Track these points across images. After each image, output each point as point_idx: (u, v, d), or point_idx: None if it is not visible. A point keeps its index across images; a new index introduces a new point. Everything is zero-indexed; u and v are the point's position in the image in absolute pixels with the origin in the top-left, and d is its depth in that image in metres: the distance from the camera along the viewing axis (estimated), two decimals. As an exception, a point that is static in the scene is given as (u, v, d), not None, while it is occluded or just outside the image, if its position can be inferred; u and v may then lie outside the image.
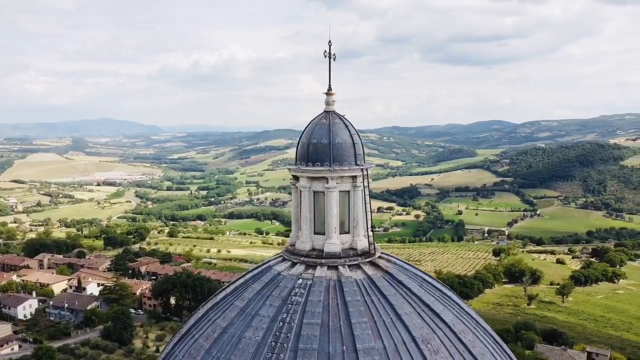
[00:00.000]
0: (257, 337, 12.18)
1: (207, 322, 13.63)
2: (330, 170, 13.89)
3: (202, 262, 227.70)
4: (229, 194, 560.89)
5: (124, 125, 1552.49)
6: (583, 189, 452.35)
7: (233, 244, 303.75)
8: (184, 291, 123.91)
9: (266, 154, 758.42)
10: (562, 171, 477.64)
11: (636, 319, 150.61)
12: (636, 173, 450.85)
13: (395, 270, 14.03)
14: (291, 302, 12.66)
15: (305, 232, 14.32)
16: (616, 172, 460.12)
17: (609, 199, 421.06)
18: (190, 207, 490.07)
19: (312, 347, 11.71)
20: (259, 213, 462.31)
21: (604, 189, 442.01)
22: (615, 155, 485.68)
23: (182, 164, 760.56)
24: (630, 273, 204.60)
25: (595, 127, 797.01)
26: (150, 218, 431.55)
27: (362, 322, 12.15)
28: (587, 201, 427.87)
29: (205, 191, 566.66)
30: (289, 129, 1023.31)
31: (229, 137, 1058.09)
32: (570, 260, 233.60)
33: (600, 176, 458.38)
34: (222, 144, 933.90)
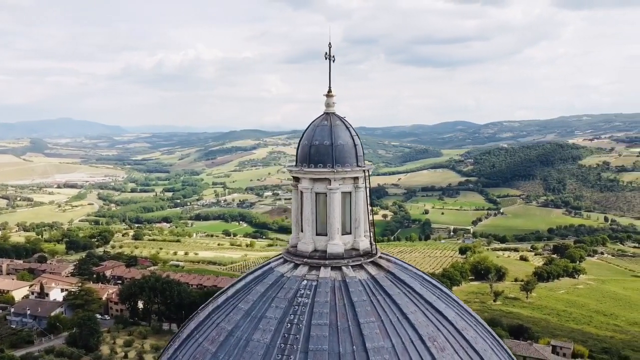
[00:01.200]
0: (266, 339, 12.16)
1: (211, 325, 13.51)
2: (333, 171, 13.98)
3: (170, 265, 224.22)
4: (195, 195, 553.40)
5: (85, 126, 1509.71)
6: (544, 188, 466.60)
7: (200, 246, 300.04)
8: (152, 295, 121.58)
9: (233, 154, 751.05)
10: (524, 170, 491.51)
11: (596, 313, 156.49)
12: (593, 172, 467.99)
13: (396, 269, 14.25)
14: (297, 303, 12.69)
15: (308, 234, 14.36)
16: (575, 171, 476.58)
17: (568, 197, 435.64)
18: (156, 209, 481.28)
19: (323, 348, 11.78)
20: (226, 214, 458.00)
21: (564, 187, 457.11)
22: (573, 155, 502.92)
23: (146, 165, 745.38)
24: (589, 268, 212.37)
25: (554, 128, 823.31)
26: (114, 221, 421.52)
27: (369, 322, 12.30)
28: (547, 199, 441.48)
29: (170, 193, 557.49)
30: (256, 130, 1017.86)
31: (195, 138, 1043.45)
32: (533, 257, 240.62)
33: (560, 175, 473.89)
34: (187, 145, 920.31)
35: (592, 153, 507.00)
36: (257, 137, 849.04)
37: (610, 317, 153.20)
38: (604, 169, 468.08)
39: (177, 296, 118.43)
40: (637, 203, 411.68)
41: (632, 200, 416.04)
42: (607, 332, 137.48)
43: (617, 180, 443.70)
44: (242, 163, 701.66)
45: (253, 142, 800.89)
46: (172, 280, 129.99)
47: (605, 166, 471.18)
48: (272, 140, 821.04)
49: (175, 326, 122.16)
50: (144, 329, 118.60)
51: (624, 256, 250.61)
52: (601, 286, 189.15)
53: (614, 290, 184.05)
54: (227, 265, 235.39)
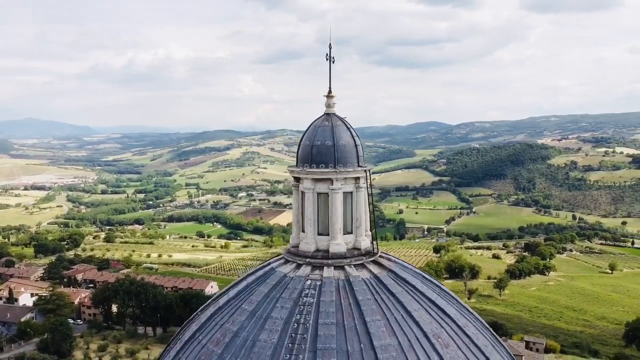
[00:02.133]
0: (273, 339, 12.17)
1: (214, 326, 13.43)
2: (335, 171, 14.07)
3: (143, 268, 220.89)
4: (168, 196, 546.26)
5: (53, 126, 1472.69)
6: (514, 187, 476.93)
7: (174, 248, 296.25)
8: (127, 298, 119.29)
9: (206, 155, 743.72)
10: (495, 170, 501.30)
11: (566, 309, 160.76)
12: (561, 171, 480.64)
13: (397, 268, 14.43)
14: (303, 303, 12.74)
15: (309, 234, 14.41)
16: (544, 170, 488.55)
17: (537, 196, 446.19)
18: (127, 211, 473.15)
19: (331, 347, 11.87)
20: (200, 216, 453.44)
21: (533, 186, 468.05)
22: (542, 154, 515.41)
23: (117, 166, 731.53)
24: (559, 265, 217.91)
25: (524, 128, 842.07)
26: (84, 223, 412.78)
27: (375, 320, 12.44)
28: (518, 198, 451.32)
29: (142, 194, 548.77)
30: (230, 130, 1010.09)
31: (167, 138, 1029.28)
32: (505, 255, 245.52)
33: (530, 174, 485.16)
34: (159, 145, 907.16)
35: (560, 153, 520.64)
36: (230, 138, 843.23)
37: (579, 312, 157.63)
38: (572, 168, 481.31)
39: (153, 299, 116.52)
40: (603, 201, 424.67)
41: (598, 199, 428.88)
42: (577, 327, 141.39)
43: (584, 179, 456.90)
44: (216, 164, 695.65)
45: (227, 143, 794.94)
46: (147, 283, 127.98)
47: (573, 166, 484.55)
48: (246, 140, 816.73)
49: (150, 330, 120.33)
50: (119, 333, 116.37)
51: (592, 253, 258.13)
52: (570, 282, 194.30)
53: (582, 286, 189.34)
54: (202, 267, 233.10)
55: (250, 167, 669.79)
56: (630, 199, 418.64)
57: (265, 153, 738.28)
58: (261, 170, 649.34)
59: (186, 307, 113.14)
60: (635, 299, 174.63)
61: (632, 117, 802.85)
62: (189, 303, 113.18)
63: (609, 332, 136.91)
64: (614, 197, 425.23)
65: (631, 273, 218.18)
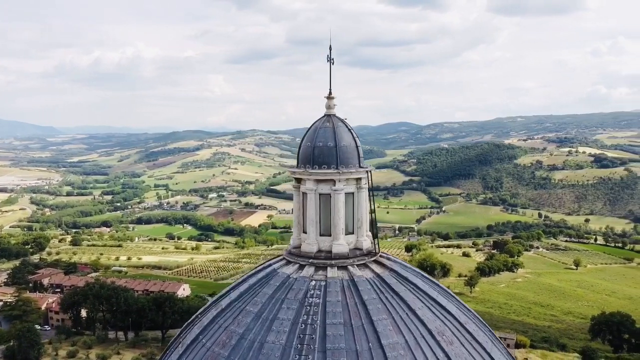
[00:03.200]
0: (281, 340, 12.17)
1: (218, 329, 13.33)
2: (338, 172, 14.16)
3: (112, 271, 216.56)
4: (137, 198, 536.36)
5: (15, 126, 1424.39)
6: (482, 186, 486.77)
7: (144, 251, 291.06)
8: (97, 302, 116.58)
9: (175, 155, 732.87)
10: (464, 170, 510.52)
11: (534, 304, 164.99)
12: (527, 171, 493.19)
13: (398, 267, 14.62)
14: (309, 304, 12.78)
15: (312, 235, 14.46)
16: (511, 170, 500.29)
17: (505, 195, 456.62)
18: (94, 213, 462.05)
19: (340, 346, 11.95)
20: (170, 217, 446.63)
21: (501, 185, 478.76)
22: (509, 154, 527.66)
23: (83, 168, 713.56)
24: (526, 262, 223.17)
25: (491, 129, 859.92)
26: (49, 226, 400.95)
27: (382, 319, 12.59)
28: (486, 197, 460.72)
29: (110, 196, 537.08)
30: (199, 130, 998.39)
31: (135, 139, 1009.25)
32: (475, 253, 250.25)
33: (497, 174, 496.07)
34: (127, 146, 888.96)
35: (526, 153, 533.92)
36: (200, 138, 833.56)
37: (547, 307, 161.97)
38: (537, 167, 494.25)
39: (124, 303, 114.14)
40: (567, 200, 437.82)
41: (562, 197, 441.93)
42: (545, 322, 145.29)
43: (549, 178, 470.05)
44: (185, 164, 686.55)
45: (196, 143, 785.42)
46: (119, 286, 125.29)
47: (538, 165, 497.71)
48: (216, 141, 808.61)
49: (122, 334, 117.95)
50: (89, 339, 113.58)
51: (557, 250, 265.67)
52: (538, 279, 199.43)
53: (549, 282, 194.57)
54: (173, 269, 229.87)
55: (221, 167, 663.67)
56: (593, 197, 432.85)
57: (235, 153, 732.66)
58: (232, 171, 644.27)
59: (159, 311, 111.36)
60: (599, 294, 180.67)
61: (594, 117, 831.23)
62: (162, 306, 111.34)
63: (575, 326, 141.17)
64: (578, 195, 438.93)
65: (595, 269, 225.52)
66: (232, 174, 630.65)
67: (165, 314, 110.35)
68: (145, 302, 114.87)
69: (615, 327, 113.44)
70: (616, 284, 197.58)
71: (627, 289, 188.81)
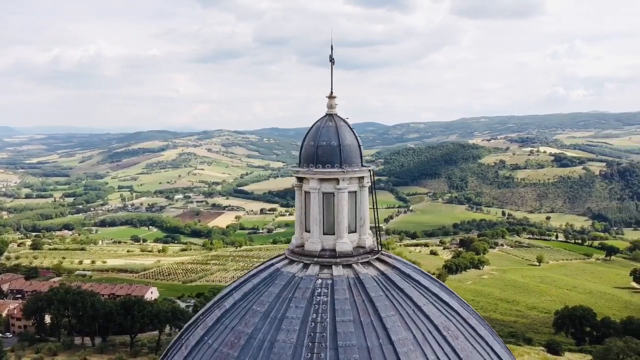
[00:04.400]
0: (292, 339, 12.18)
1: (224, 330, 13.21)
2: (343, 171, 14.27)
3: (75, 275, 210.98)
4: (100, 200, 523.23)
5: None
6: (448, 185, 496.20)
7: (108, 254, 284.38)
8: (62, 308, 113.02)
9: (140, 156, 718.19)
10: (430, 169, 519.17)
11: (500, 300, 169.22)
12: (491, 170, 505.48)
13: (400, 265, 14.84)
14: (317, 302, 12.84)
15: (315, 233, 14.50)
16: (475, 169, 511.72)
17: (470, 194, 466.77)
18: (55, 216, 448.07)
19: (352, 343, 12.05)
20: (135, 219, 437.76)
21: (466, 184, 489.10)
22: (474, 154, 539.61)
23: (42, 169, 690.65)
24: (492, 259, 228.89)
25: (456, 129, 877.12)
26: (7, 230, 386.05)
27: (390, 316, 12.75)
28: (452, 196, 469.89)
29: (71, 198, 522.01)
30: (164, 130, 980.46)
31: (97, 139, 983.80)
32: (442, 251, 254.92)
33: (462, 173, 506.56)
34: (89, 147, 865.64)
35: (490, 152, 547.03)
36: (165, 138, 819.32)
37: (512, 303, 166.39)
38: (501, 167, 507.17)
39: (91, 307, 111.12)
40: (529, 198, 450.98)
41: (525, 196, 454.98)
42: (511, 317, 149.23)
43: (512, 177, 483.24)
44: (150, 165, 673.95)
45: (161, 144, 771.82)
46: (85, 291, 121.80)
47: (502, 164, 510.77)
48: (182, 141, 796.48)
49: (88, 340, 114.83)
50: (54, 345, 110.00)
51: (521, 247, 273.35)
52: (503, 275, 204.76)
53: (514, 278, 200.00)
54: (139, 272, 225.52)
55: (187, 168, 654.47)
56: (553, 196, 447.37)
57: (202, 154, 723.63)
58: (198, 172, 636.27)
59: (127, 315, 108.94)
60: (561, 288, 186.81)
61: (554, 118, 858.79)
62: (131, 310, 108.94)
63: (539, 320, 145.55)
64: (539, 193, 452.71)
65: (556, 265, 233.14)
66: (198, 175, 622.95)
67: (134, 318, 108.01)
68: (113, 306, 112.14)
69: (577, 320, 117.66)
70: (577, 279, 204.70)
71: (587, 284, 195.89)
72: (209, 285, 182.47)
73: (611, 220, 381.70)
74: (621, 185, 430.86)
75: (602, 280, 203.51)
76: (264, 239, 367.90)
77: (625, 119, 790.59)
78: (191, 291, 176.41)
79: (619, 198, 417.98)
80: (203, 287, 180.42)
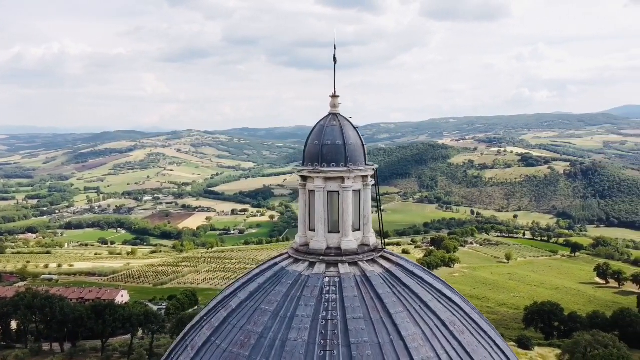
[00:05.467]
0: (303, 337, 12.23)
1: (232, 329, 13.14)
2: (348, 170, 14.40)
3: (42, 280, 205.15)
4: (65, 202, 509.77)
5: None
6: (419, 185, 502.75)
7: (75, 257, 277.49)
8: (29, 313, 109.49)
9: (107, 157, 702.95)
10: (401, 169, 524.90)
11: (470, 298, 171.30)
12: (460, 170, 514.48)
13: (403, 262, 15.06)
14: (327, 300, 12.93)
15: (320, 232, 14.58)
16: (445, 169, 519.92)
17: (439, 194, 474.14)
18: (18, 219, 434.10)
19: (363, 340, 12.17)
20: (102, 221, 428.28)
21: (436, 184, 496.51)
22: (443, 154, 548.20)
23: (4, 170, 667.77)
24: (462, 257, 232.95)
25: (426, 129, 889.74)
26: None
27: (399, 312, 12.94)
28: (422, 196, 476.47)
29: (35, 200, 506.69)
30: (132, 130, 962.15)
31: (62, 140, 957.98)
32: (414, 250, 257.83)
33: (432, 173, 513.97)
34: (53, 147, 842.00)
35: (459, 152, 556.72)
36: (133, 139, 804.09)
37: (483, 300, 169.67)
38: (469, 167, 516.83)
39: (60, 313, 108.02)
40: (497, 197, 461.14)
41: (493, 195, 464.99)
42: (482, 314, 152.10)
43: (480, 176, 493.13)
44: (118, 166, 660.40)
45: (129, 144, 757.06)
46: (54, 296, 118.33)
47: (470, 164, 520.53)
48: (151, 141, 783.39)
49: (57, 346, 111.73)
50: (21, 352, 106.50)
51: (490, 245, 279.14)
52: (473, 273, 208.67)
53: (484, 276, 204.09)
54: (108, 275, 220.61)
55: (156, 169, 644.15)
56: (520, 194, 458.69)
57: (171, 154, 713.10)
58: (167, 173, 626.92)
59: (99, 319, 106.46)
60: (529, 285, 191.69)
61: (519, 119, 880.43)
62: (102, 314, 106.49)
63: (509, 316, 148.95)
64: (506, 192, 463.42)
65: (524, 262, 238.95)
66: (167, 176, 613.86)
67: (105, 322, 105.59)
68: (84, 311, 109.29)
69: (546, 315, 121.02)
70: (544, 275, 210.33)
71: (553, 280, 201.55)
72: (181, 288, 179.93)
73: (575, 218, 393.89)
74: (584, 184, 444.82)
75: (568, 276, 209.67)
76: (235, 240, 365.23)
77: (587, 119, 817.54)
78: (163, 294, 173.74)
79: (582, 196, 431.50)
80: (175, 290, 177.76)
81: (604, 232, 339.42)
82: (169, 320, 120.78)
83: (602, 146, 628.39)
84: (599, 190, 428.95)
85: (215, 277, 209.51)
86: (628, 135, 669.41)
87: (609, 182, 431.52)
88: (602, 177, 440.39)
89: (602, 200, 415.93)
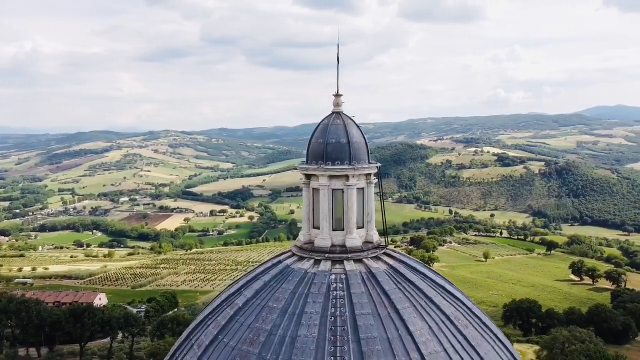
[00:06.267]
0: (313, 333, 12.31)
1: (240, 327, 13.14)
2: (353, 168, 14.53)
3: (15, 283, 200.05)
4: (39, 203, 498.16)
5: None
6: (397, 185, 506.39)
7: (50, 260, 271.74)
8: (5, 318, 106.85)
9: (82, 157, 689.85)
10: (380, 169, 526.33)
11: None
12: (438, 170, 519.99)
13: (405, 258, 15.28)
14: (334, 296, 13.04)
15: (325, 230, 14.68)
16: (423, 169, 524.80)
17: (418, 193, 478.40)
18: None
19: (373, 335, 12.32)
20: (77, 223, 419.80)
21: (414, 184, 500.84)
22: (422, 154, 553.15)
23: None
24: (441, 256, 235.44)
25: (404, 130, 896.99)
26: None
27: (405, 307, 13.13)
28: (401, 196, 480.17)
29: (7, 202, 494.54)
30: (108, 130, 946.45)
31: (35, 140, 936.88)
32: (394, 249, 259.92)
33: (411, 173, 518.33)
34: (26, 148, 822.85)
35: (437, 152, 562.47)
36: (109, 139, 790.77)
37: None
38: (447, 166, 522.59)
39: (37, 317, 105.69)
40: (474, 196, 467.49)
41: (470, 194, 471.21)
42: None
43: (458, 176, 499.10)
44: (93, 167, 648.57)
45: (105, 144, 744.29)
46: (30, 299, 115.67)
47: (448, 164, 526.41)
48: (127, 142, 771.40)
49: (34, 350, 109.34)
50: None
51: (468, 243, 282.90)
52: (452, 271, 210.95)
53: (462, 274, 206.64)
54: (85, 278, 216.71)
55: (132, 170, 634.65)
56: (497, 194, 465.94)
57: (148, 155, 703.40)
58: (144, 173, 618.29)
59: (77, 323, 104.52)
60: (507, 283, 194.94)
61: (496, 119, 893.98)
62: (80, 317, 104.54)
63: (488, 314, 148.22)
64: (483, 192, 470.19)
65: (501, 260, 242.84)
66: (144, 177, 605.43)
67: (84, 326, 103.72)
68: (62, 314, 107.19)
69: (524, 312, 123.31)
70: (520, 273, 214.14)
71: (530, 277, 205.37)
72: (160, 290, 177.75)
73: (550, 217, 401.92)
74: (558, 183, 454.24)
75: (544, 274, 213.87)
76: (214, 241, 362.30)
77: (561, 120, 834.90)
78: (141, 296, 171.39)
79: (557, 195, 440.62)
80: (154, 292, 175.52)
81: (577, 230, 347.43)
82: (149, 323, 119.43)
83: (576, 146, 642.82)
84: (572, 190, 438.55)
85: (195, 278, 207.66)
86: (600, 135, 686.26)
87: (582, 182, 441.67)
88: (576, 176, 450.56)
89: (575, 199, 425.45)
